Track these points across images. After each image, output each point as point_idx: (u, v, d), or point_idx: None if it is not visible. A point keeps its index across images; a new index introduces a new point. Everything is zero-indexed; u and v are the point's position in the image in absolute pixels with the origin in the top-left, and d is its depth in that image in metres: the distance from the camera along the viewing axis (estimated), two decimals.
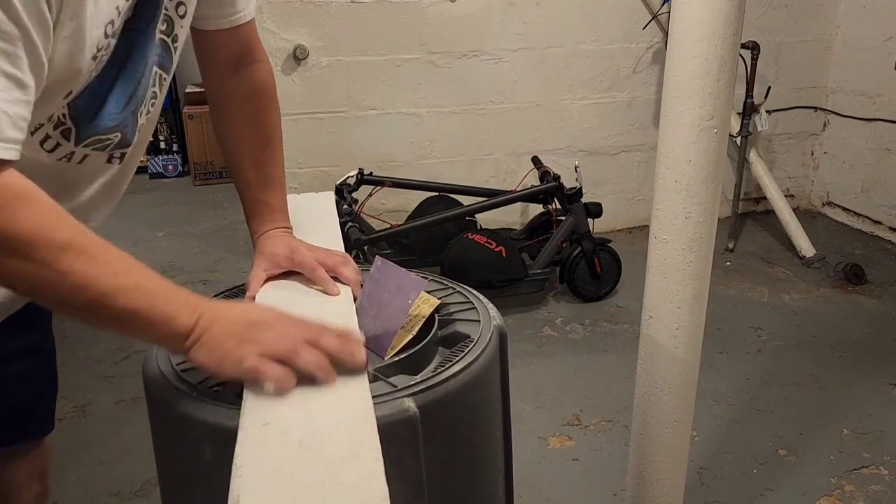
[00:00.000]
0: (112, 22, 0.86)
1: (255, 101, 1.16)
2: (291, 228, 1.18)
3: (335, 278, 1.08)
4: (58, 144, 0.91)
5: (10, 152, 0.73)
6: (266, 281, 1.09)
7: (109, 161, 1.00)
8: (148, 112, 1.02)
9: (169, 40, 0.99)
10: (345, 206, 2.95)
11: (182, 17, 1.00)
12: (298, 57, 3.22)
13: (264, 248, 1.12)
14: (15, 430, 1.25)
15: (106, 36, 0.86)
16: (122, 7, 0.86)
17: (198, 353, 0.82)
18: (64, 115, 0.89)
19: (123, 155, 1.01)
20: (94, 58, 0.86)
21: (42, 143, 0.90)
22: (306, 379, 0.82)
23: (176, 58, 1.04)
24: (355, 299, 1.07)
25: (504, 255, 2.88)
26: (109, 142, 0.97)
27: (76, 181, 0.99)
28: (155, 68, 0.99)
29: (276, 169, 1.17)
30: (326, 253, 1.11)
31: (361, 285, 1.09)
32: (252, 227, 1.16)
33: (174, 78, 4.83)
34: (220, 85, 1.15)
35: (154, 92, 1.01)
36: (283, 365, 0.80)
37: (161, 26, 0.96)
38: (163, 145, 5.02)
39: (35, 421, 1.29)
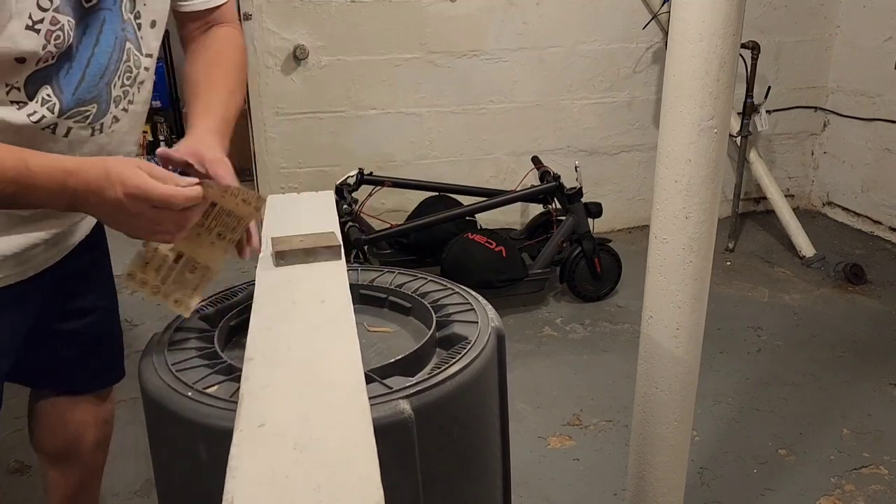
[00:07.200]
0: None
1: (217, 44, 1.25)
2: (219, 134, 1.15)
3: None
4: (42, 117, 1.03)
5: None
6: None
7: (93, 134, 1.11)
8: (123, 85, 1.12)
9: (132, 16, 1.10)
10: (345, 206, 2.94)
11: None
12: (298, 57, 3.22)
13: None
14: (83, 380, 1.45)
15: (41, 9, 0.95)
16: None
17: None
18: (49, 94, 1.02)
19: (102, 125, 1.12)
20: (36, 30, 0.95)
21: (29, 116, 1.02)
22: (302, 380, 0.81)
23: (146, 37, 1.13)
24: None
25: (504, 255, 2.88)
26: (88, 113, 1.08)
27: (63, 152, 1.08)
28: (127, 44, 1.10)
29: (225, 95, 1.19)
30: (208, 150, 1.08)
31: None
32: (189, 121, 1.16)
33: (173, 78, 4.83)
34: (192, 40, 1.27)
35: (128, 66, 1.11)
36: None
37: (127, 4, 1.08)
38: (163, 145, 5.01)
39: (101, 372, 1.48)
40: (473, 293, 1.18)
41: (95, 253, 1.37)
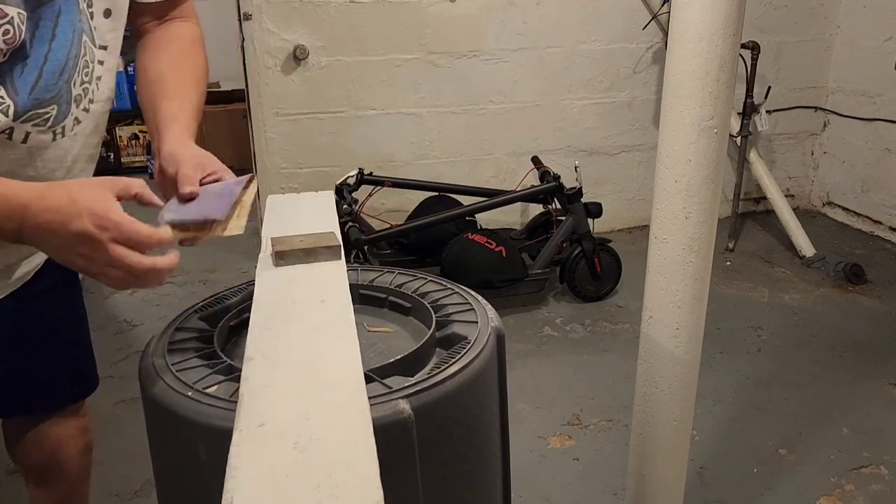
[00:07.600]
0: None
1: (177, 41, 1.18)
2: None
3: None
4: None
5: None
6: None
7: (54, 138, 1.03)
8: (83, 83, 1.04)
9: (85, 6, 1.02)
10: (345, 206, 2.94)
11: None
12: (298, 57, 3.22)
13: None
14: (57, 396, 1.40)
15: None
16: None
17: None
18: (2, 96, 0.94)
19: (64, 129, 1.04)
20: None
21: None
22: (301, 380, 0.82)
23: (99, 27, 1.05)
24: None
25: (504, 255, 2.88)
26: (48, 115, 1.00)
27: (22, 159, 1.01)
28: (84, 37, 1.02)
29: (197, 99, 1.14)
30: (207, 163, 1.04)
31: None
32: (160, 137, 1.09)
33: None
34: (146, 31, 1.19)
35: (86, 61, 1.03)
36: None
37: None
38: None
39: (75, 385, 1.43)
40: (473, 293, 1.18)
41: (65, 268, 1.34)
